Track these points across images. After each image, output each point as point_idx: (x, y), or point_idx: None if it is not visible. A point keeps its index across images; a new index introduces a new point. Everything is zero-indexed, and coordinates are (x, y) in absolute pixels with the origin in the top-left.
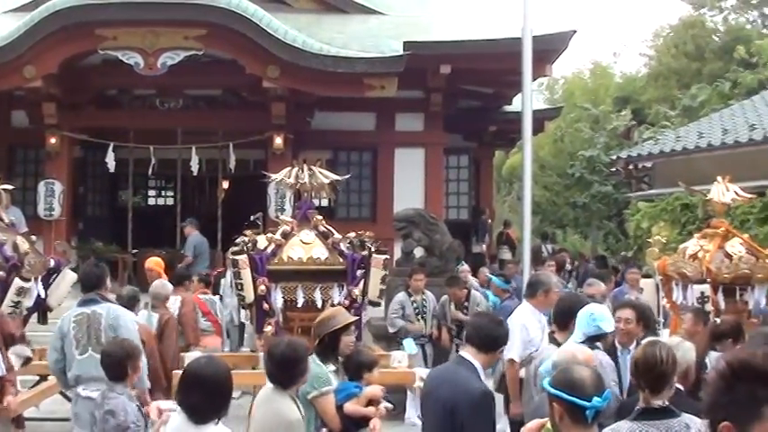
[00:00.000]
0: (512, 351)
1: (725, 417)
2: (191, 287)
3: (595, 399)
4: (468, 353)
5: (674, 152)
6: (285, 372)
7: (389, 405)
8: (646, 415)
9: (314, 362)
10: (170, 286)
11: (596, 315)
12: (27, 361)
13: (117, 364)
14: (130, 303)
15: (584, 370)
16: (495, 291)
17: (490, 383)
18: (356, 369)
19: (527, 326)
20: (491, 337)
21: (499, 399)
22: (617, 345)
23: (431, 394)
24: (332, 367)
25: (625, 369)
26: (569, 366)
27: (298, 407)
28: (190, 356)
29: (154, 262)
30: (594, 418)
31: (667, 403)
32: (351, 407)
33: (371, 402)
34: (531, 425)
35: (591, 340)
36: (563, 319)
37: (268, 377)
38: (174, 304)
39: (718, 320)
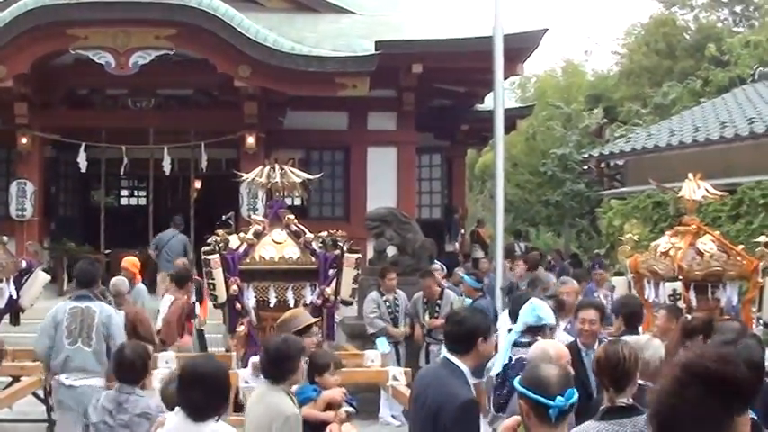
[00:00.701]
0: None
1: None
2: (192, 289)
3: (558, 398)
4: (452, 356)
5: (645, 150)
6: (278, 366)
7: (350, 409)
8: (612, 414)
9: None
10: (127, 282)
11: (537, 306)
12: None
13: (142, 367)
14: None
15: (551, 368)
16: (467, 290)
17: None
18: (309, 371)
19: None
20: (460, 337)
21: None
22: (580, 345)
23: (418, 397)
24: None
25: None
26: (538, 364)
27: (293, 401)
28: (163, 356)
29: (130, 262)
30: (559, 417)
31: (632, 401)
32: (307, 411)
33: (331, 406)
34: (509, 422)
35: (531, 331)
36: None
37: (262, 372)
38: (164, 303)
39: (689, 316)
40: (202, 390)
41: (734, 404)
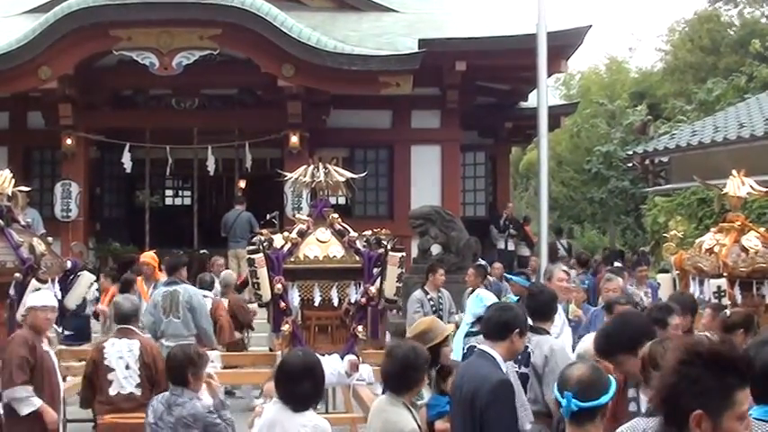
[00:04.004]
0: None
1: (697, 406)
2: None
3: (566, 395)
4: (486, 345)
5: (690, 147)
6: (405, 376)
7: None
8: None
9: None
10: (234, 275)
11: (483, 296)
12: None
13: (189, 368)
14: (210, 287)
15: (576, 368)
16: (518, 290)
17: None
18: (439, 382)
19: None
20: (499, 325)
21: None
22: None
23: (457, 388)
24: (425, 380)
25: None
26: (572, 363)
27: (413, 416)
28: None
29: (149, 256)
30: (574, 417)
31: None
32: (442, 425)
33: None
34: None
35: (480, 321)
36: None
37: (384, 382)
38: None
39: (728, 312)
40: (301, 382)
41: (731, 380)
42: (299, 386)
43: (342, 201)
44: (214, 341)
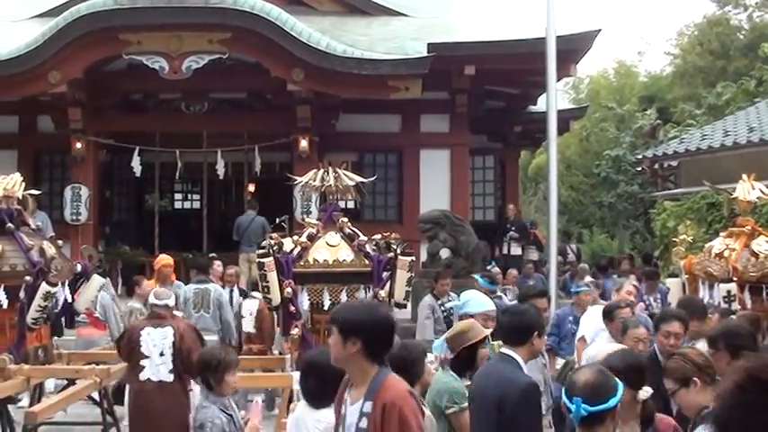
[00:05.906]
0: (583, 330)
1: None
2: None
3: (575, 400)
4: (507, 349)
5: (699, 151)
6: (405, 374)
7: None
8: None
9: (451, 376)
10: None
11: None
12: None
13: (200, 372)
14: (253, 288)
15: (582, 373)
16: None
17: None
18: None
19: None
20: (517, 328)
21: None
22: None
23: (478, 392)
24: (467, 381)
25: None
26: (579, 368)
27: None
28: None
29: (164, 260)
30: (586, 420)
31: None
32: None
33: None
34: None
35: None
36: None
37: None
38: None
39: (735, 316)
40: (317, 379)
41: None
42: (308, 383)
43: (351, 205)
44: (234, 335)
